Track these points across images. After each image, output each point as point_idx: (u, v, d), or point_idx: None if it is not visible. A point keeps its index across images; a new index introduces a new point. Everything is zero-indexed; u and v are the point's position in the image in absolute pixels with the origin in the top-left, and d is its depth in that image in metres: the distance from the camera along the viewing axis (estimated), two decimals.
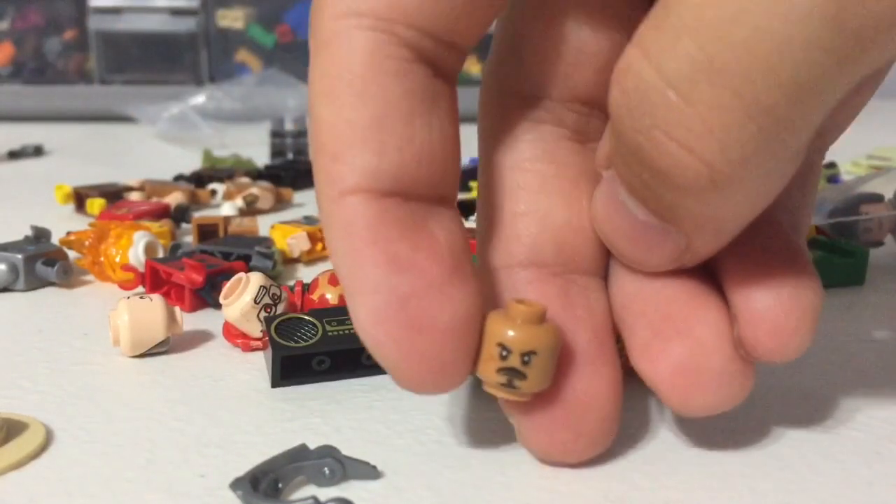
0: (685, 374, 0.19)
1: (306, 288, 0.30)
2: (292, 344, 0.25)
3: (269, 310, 0.28)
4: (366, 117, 0.17)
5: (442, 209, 0.19)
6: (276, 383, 0.25)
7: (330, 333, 0.25)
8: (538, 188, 0.21)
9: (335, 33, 0.17)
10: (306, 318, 0.26)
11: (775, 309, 0.19)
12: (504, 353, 0.18)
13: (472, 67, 0.91)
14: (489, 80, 0.22)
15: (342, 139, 0.17)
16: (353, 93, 0.17)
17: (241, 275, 0.28)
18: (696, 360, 0.19)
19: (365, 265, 0.17)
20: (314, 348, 0.25)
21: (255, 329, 0.28)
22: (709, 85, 0.14)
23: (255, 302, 0.27)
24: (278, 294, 0.28)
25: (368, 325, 0.18)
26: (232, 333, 0.28)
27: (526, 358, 0.18)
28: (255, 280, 0.28)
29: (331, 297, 0.29)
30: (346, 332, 0.26)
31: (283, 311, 0.28)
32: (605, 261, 0.21)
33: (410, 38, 0.17)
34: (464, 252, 0.19)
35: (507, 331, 0.18)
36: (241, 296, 0.27)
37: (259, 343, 0.28)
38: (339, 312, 0.26)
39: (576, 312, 0.20)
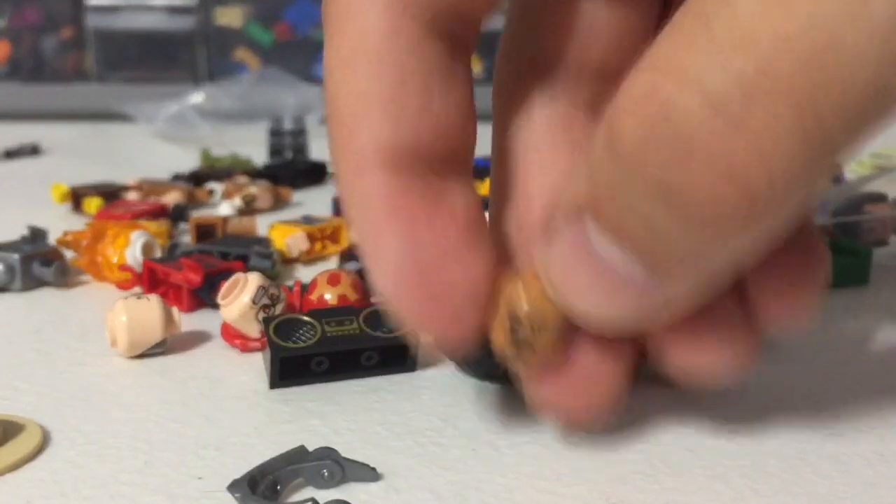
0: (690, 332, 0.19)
1: (305, 288, 0.30)
2: (291, 345, 0.25)
3: (267, 310, 0.27)
4: (382, 89, 0.17)
5: (459, 179, 0.19)
6: (274, 384, 0.25)
7: (329, 334, 0.25)
8: (549, 160, 0.21)
9: (350, 10, 0.18)
10: (305, 318, 0.26)
11: (783, 275, 0.19)
12: (515, 325, 0.19)
13: (474, 65, 0.91)
14: (503, 52, 0.22)
15: (359, 112, 0.18)
16: (369, 66, 0.17)
17: (239, 275, 0.28)
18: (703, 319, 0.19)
19: (385, 236, 0.18)
20: (313, 349, 0.25)
21: (253, 329, 0.27)
22: (764, 108, 0.13)
23: (254, 302, 0.27)
24: (277, 294, 0.28)
25: (390, 294, 0.19)
26: (230, 334, 0.28)
27: (534, 331, 0.19)
28: (254, 280, 0.28)
29: (329, 297, 0.29)
30: (345, 332, 0.25)
31: (282, 312, 0.28)
32: None
33: (425, 13, 0.17)
34: (479, 220, 0.19)
35: (521, 303, 0.19)
36: (240, 296, 0.27)
37: (257, 344, 0.28)
38: (338, 313, 0.26)
39: None
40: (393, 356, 0.26)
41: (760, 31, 0.13)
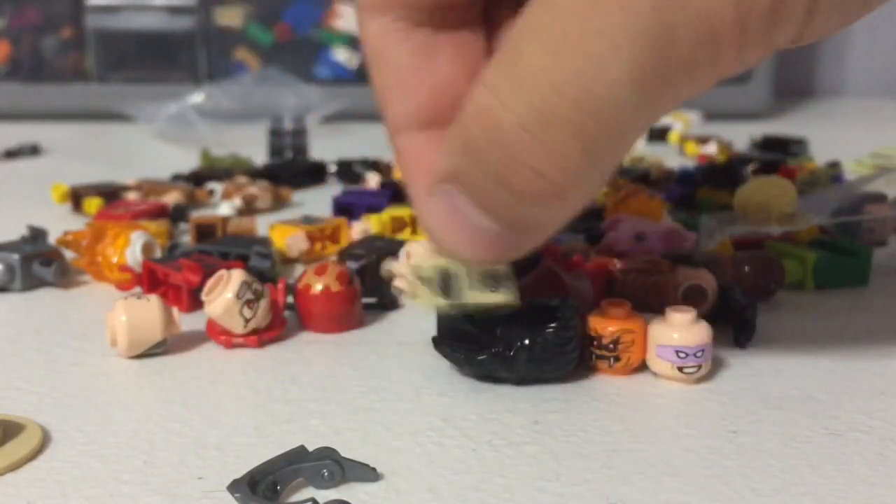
0: None
1: (290, 287, 0.30)
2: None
3: (251, 305, 0.27)
4: (387, 80, 0.24)
5: None
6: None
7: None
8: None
9: (360, 23, 0.24)
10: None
11: None
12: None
13: None
14: None
15: (381, 96, 0.24)
16: (375, 65, 0.24)
17: (223, 271, 0.28)
18: None
19: (411, 180, 0.24)
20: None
21: (237, 325, 0.27)
22: (554, 129, 0.19)
23: (237, 297, 0.27)
24: (260, 290, 0.28)
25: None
26: (215, 330, 0.28)
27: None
28: (237, 276, 0.28)
29: (319, 287, 0.29)
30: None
31: (266, 309, 0.28)
32: None
33: (404, 14, 0.23)
34: None
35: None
36: (223, 292, 0.27)
37: (241, 340, 0.28)
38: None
39: None
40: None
41: (542, 80, 0.19)
